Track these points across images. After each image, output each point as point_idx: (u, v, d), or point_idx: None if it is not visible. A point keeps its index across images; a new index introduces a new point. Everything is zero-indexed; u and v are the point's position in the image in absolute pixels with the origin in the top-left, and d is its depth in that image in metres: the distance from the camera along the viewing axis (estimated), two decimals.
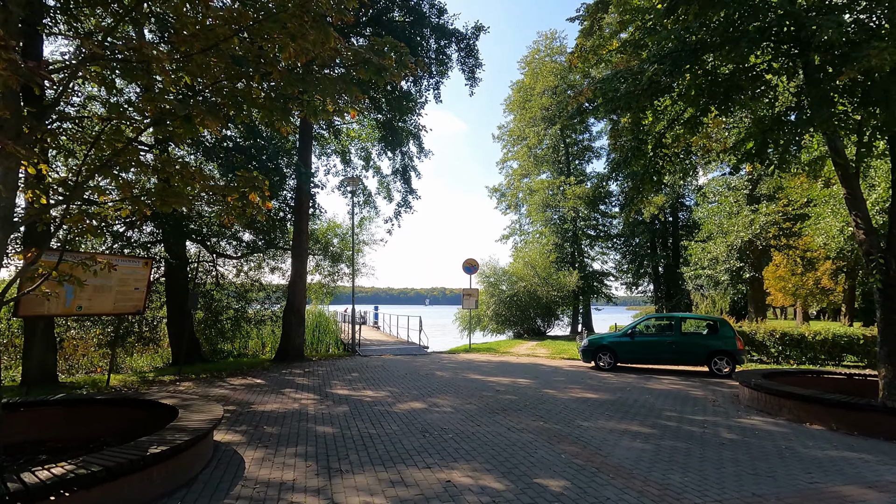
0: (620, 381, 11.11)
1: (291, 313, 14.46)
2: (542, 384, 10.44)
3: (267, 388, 9.61)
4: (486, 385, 10.23)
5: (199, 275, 18.92)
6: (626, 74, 7.21)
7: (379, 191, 19.15)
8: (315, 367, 13.07)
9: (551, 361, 15.12)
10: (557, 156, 35.41)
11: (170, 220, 13.46)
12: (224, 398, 8.53)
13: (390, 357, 15.64)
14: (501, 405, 8.18)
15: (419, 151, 17.62)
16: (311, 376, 11.32)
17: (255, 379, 10.88)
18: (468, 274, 18.91)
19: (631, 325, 13.30)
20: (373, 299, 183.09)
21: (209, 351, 19.31)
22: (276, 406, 7.95)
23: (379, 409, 7.76)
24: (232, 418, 7.05)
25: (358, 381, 10.73)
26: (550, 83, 33.00)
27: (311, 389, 9.56)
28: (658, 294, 30.32)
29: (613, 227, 36.12)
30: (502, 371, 12.53)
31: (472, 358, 15.79)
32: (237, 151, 12.94)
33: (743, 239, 18.83)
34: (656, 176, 8.80)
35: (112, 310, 9.49)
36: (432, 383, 10.39)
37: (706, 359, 12.01)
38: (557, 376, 11.70)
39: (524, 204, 37.61)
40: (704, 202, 23.03)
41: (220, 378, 11.01)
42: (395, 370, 12.44)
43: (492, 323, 27.49)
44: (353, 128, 20.18)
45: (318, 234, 22.34)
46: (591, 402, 8.49)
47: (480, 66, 14.90)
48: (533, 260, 27.78)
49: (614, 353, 12.82)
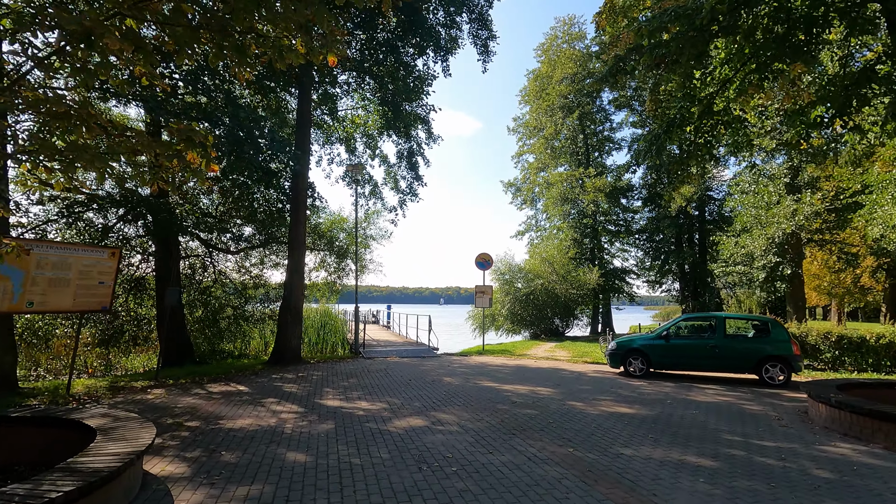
0: (656, 390, 9.59)
1: (287, 312, 13.21)
2: (566, 394, 8.97)
3: (247, 398, 8.32)
4: (501, 395, 8.81)
5: (198, 271, 17.88)
6: (678, 12, 5.71)
7: (386, 181, 17.85)
8: (311, 371, 11.78)
9: (573, 366, 13.62)
10: (576, 147, 33.71)
11: (155, 210, 12.32)
12: (190, 411, 7.26)
13: (396, 360, 14.30)
14: (519, 422, 6.75)
15: (428, 137, 16.25)
16: (302, 382, 10.02)
17: (239, 385, 9.62)
18: (481, 270, 17.48)
19: (665, 325, 11.74)
20: (388, 298, 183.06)
21: (208, 351, 18.25)
22: (247, 422, 6.64)
23: (370, 428, 6.40)
24: (188, 439, 5.75)
25: (354, 388, 9.39)
26: (569, 70, 31.32)
27: (298, 399, 8.24)
28: (684, 293, 28.44)
29: (635, 222, 34.31)
30: (519, 377, 11.09)
31: (485, 361, 14.37)
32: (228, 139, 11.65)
33: (785, 231, 17.04)
34: (703, 149, 7.29)
35: (72, 307, 8.29)
36: (438, 392, 9.00)
37: (755, 365, 10.40)
38: (582, 384, 10.22)
39: (541, 198, 35.99)
40: (738, 193, 21.21)
41: (201, 384, 9.77)
42: (398, 375, 11.09)
43: (507, 323, 26.00)
44: (358, 114, 18.91)
45: (323, 228, 21.09)
46: (627, 420, 7.02)
47: (494, 38, 13.46)
48: (550, 256, 26.22)
49: (646, 358, 11.28)
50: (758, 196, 19.40)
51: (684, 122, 7.20)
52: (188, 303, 18.03)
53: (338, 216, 22.39)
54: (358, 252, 19.11)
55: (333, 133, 18.80)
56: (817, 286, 30.32)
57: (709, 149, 7.19)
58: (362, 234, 23.30)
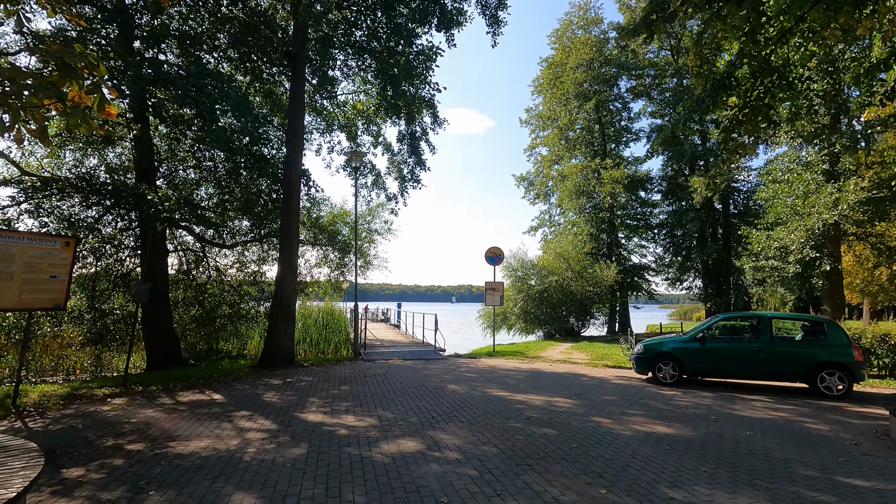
0: (694, 402, 8.25)
1: (279, 310, 12.07)
2: (589, 407, 7.67)
3: (217, 410, 7.17)
4: (512, 408, 7.54)
5: (191, 266, 16.87)
6: None
7: (389, 170, 16.61)
8: (301, 375, 10.63)
9: (593, 370, 12.29)
10: (592, 137, 32.18)
11: (130, 198, 11.26)
12: (142, 428, 6.11)
13: (398, 362, 13.10)
14: (535, 448, 5.48)
15: (433, 121, 14.99)
16: (287, 390, 8.86)
17: (215, 394, 8.47)
18: (492, 265, 16.18)
19: (699, 326, 10.34)
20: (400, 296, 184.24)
21: (204, 351, 17.27)
22: (203, 444, 5.46)
23: (350, 454, 5.19)
24: (118, 471, 4.59)
25: (344, 398, 8.20)
26: (585, 56, 29.80)
27: (275, 413, 7.06)
28: (708, 290, 26.76)
29: (654, 216, 32.67)
30: (533, 384, 9.80)
31: (495, 364, 13.09)
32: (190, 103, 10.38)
33: (827, 221, 15.46)
34: (760, 113, 5.93)
35: (15, 304, 7.20)
36: (440, 403, 7.76)
37: (808, 373, 8.99)
38: (606, 393, 8.90)
39: (554, 192, 34.54)
40: (770, 182, 19.60)
41: (172, 391, 8.64)
42: (397, 381, 9.88)
43: (519, 322, 24.66)
44: (360, 99, 17.73)
45: (325, 222, 19.96)
46: (668, 444, 5.70)
47: (505, 7, 12.14)
48: (565, 251, 24.81)
49: (678, 363, 9.92)
50: (791, 185, 17.81)
51: (737, 82, 5.86)
52: (182, 301, 17.08)
53: (341, 210, 21.25)
54: (358, 245, 17.91)
55: (334, 121, 17.64)
56: (849, 283, 28.48)
57: (766, 112, 5.84)
58: (366, 229, 22.16)
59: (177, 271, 17.13)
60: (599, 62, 30.52)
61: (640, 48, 31.66)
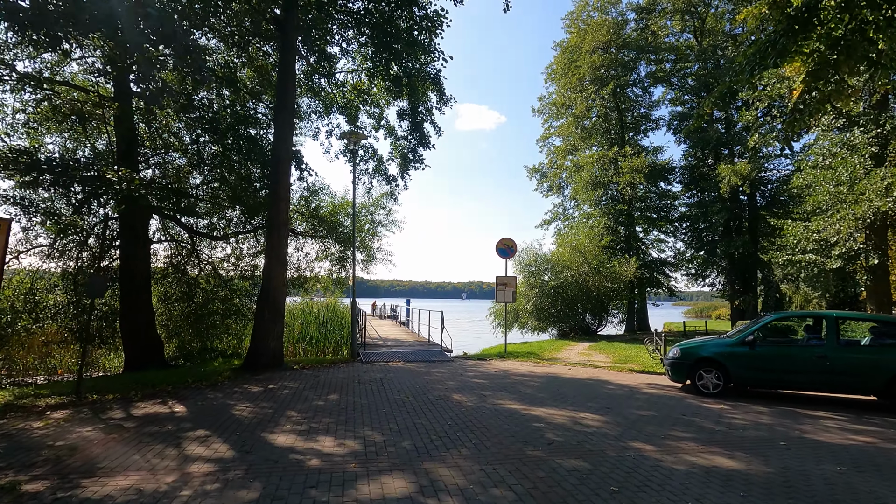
0: (749, 420, 6.80)
1: (265, 306, 10.80)
2: (623, 426, 6.27)
3: (169, 429, 5.89)
4: (530, 427, 6.16)
5: (181, 259, 15.71)
6: None
7: (392, 155, 15.25)
8: (287, 380, 9.35)
9: (618, 375, 10.87)
10: (608, 125, 30.50)
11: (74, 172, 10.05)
12: (64, 454, 4.85)
13: (399, 365, 11.79)
14: (563, 491, 4.11)
15: (440, 99, 13.60)
16: (264, 400, 7.57)
17: (177, 405, 7.22)
18: (503, 257, 14.77)
19: (749, 327, 8.84)
20: (410, 293, 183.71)
21: (198, 349, 16.15)
22: (128, 482, 4.18)
23: (315, 500, 3.86)
24: None
25: (329, 411, 6.89)
26: (602, 38, 28.13)
27: (239, 432, 5.77)
28: (734, 286, 25.01)
29: (674, 208, 30.93)
30: (552, 393, 8.42)
31: (507, 367, 11.72)
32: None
33: (880, 209, 13.81)
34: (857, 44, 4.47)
35: None
36: (442, 420, 6.42)
37: (885, 386, 7.49)
38: (639, 407, 7.49)
39: (569, 184, 32.95)
40: (809, 168, 17.90)
41: (129, 402, 7.40)
42: (395, 389, 8.56)
43: (532, 319, 23.19)
44: (361, 79, 16.38)
45: (325, 213, 18.67)
46: (739, 484, 4.29)
47: None
48: (582, 244, 23.29)
49: (723, 370, 8.46)
50: (836, 171, 16.14)
51: (819, 21, 4.40)
52: (171, 296, 15.96)
53: (342, 200, 19.95)
54: (360, 237, 16.64)
55: (333, 103, 16.30)
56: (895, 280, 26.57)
57: (865, 52, 4.43)
58: (369, 220, 20.84)
59: (166, 264, 16.03)
60: (617, 45, 28.83)
61: (660, 30, 29.91)
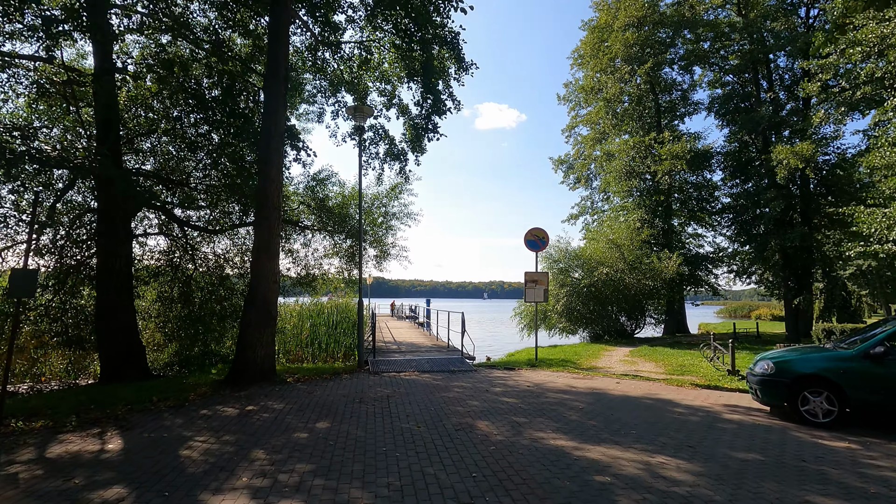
0: None
1: (251, 309, 9.09)
2: (727, 482, 4.26)
3: (75, 484, 4.16)
4: (590, 482, 4.21)
5: (173, 255, 14.21)
6: None
7: (406, 136, 13.42)
8: (272, 400, 7.60)
9: (681, 392, 8.79)
10: (643, 110, 28.08)
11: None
12: None
13: (413, 376, 9.93)
14: None
15: (458, 67, 11.73)
16: (231, 431, 5.81)
17: (115, 438, 5.50)
18: (533, 250, 12.79)
19: (876, 336, 6.67)
20: (431, 293, 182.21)
21: (197, 355, 14.61)
22: None
23: None
24: None
25: (308, 453, 5.07)
26: (635, 13, 25.80)
27: (169, 490, 3.99)
28: (787, 283, 22.33)
29: (716, 200, 28.29)
30: (606, 420, 6.43)
31: (541, 380, 9.74)
32: None
33: None
34: None
35: None
36: (462, 469, 4.52)
37: None
38: (733, 445, 5.45)
39: (598, 175, 30.65)
40: (888, 145, 15.41)
41: (52, 435, 5.72)
42: (402, 413, 6.71)
43: (562, 320, 21.05)
44: (369, 55, 14.60)
45: (334, 205, 16.93)
46: None
47: None
48: (618, 238, 21.09)
49: (838, 392, 6.34)
50: None
51: None
52: (163, 297, 14.48)
53: (353, 190, 18.20)
54: (369, 229, 14.86)
55: (340, 82, 14.55)
56: None
57: None
58: (382, 213, 19.04)
59: (158, 262, 14.55)
60: (653, 21, 26.42)
61: (698, 4, 27.37)
